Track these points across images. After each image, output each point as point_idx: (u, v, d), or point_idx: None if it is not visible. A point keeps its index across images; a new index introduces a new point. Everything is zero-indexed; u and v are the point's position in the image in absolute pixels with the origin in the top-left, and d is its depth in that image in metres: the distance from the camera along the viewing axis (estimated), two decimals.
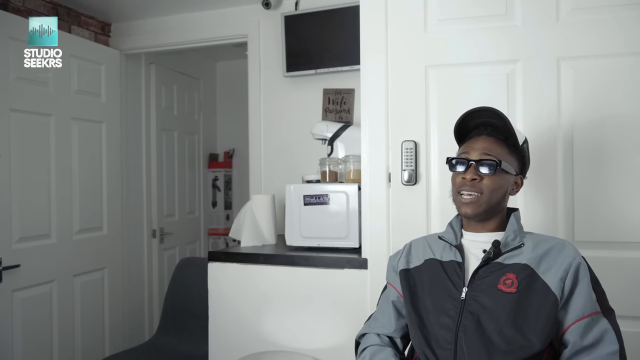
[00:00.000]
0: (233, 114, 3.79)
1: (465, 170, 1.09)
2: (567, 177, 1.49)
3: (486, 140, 1.10)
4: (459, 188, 1.10)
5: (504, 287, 1.02)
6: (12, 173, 2.12)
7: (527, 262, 1.04)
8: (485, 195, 1.07)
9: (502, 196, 1.10)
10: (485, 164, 1.07)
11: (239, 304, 1.85)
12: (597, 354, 0.98)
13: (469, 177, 1.07)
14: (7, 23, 2.11)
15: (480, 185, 1.07)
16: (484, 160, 1.07)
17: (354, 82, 2.35)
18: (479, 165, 1.07)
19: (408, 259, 1.20)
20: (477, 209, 1.08)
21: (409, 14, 1.63)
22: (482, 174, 1.07)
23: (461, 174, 1.09)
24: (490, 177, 1.07)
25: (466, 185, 1.08)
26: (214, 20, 2.67)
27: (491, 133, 1.11)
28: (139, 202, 3.01)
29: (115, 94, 2.73)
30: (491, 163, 1.06)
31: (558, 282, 1.01)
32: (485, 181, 1.07)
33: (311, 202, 1.84)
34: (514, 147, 1.11)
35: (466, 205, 1.08)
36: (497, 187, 1.08)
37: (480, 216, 1.09)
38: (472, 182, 1.07)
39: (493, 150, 1.08)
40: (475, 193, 1.07)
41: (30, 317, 2.20)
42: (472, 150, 1.10)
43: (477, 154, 1.09)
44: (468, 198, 1.08)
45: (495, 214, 1.11)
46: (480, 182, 1.07)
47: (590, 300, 1.01)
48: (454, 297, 1.07)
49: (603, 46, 1.46)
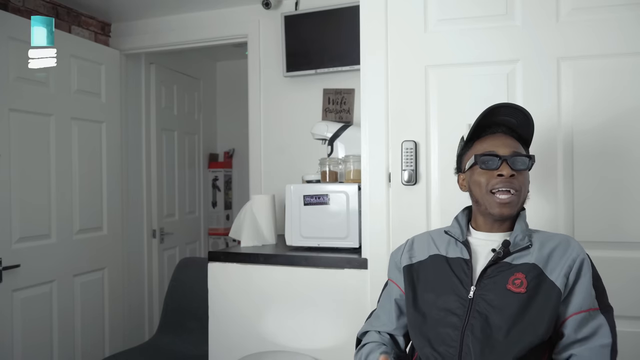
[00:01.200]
0: (233, 114, 3.79)
1: (498, 167, 1.05)
2: (567, 177, 1.50)
3: (507, 138, 1.09)
4: (494, 187, 1.05)
5: (514, 287, 1.02)
6: (12, 173, 2.12)
7: (535, 261, 1.04)
8: (522, 193, 1.06)
9: (527, 194, 1.10)
10: (519, 160, 1.05)
11: (239, 304, 1.85)
12: (589, 346, 0.99)
13: (507, 173, 1.03)
14: (7, 23, 2.11)
15: (517, 182, 1.05)
16: (518, 156, 1.05)
17: (354, 82, 2.35)
18: (513, 162, 1.04)
19: (411, 254, 1.19)
20: (513, 208, 1.06)
21: (409, 14, 1.63)
22: (517, 170, 1.05)
23: (495, 171, 1.05)
24: (523, 173, 1.06)
25: (502, 182, 1.04)
26: (214, 20, 2.67)
27: (507, 131, 1.10)
28: (139, 202, 3.01)
29: (115, 94, 2.73)
30: (523, 159, 1.05)
31: (562, 277, 1.02)
32: (520, 178, 1.05)
33: (311, 202, 1.84)
34: (525, 144, 1.12)
35: (503, 205, 1.05)
36: (528, 183, 1.08)
37: (512, 216, 1.08)
38: (510, 178, 1.04)
39: (518, 147, 1.08)
40: (514, 190, 1.04)
41: (30, 317, 2.20)
42: (499, 147, 1.06)
43: (507, 150, 1.06)
44: (505, 197, 1.04)
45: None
46: (516, 178, 1.05)
47: (589, 296, 1.02)
48: (461, 296, 1.06)
49: (603, 46, 1.46)
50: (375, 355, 1.13)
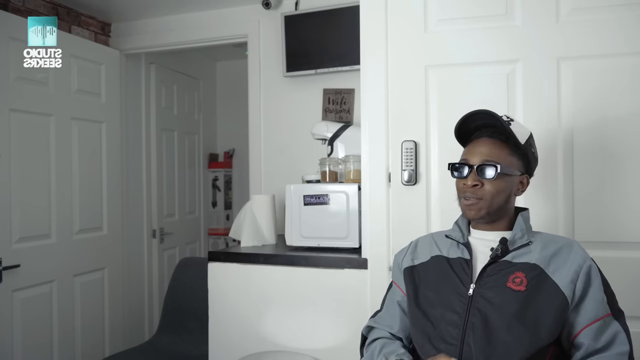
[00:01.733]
0: (233, 114, 3.79)
1: (466, 175, 1.09)
2: (567, 177, 1.50)
3: (486, 143, 1.10)
4: (461, 193, 1.11)
5: (513, 285, 1.03)
6: (12, 173, 2.12)
7: (536, 261, 1.05)
8: (486, 201, 1.07)
9: (505, 199, 1.09)
10: (485, 170, 1.07)
11: (239, 304, 1.85)
12: (608, 354, 0.99)
13: (469, 183, 1.08)
14: (7, 23, 2.11)
15: (482, 190, 1.07)
16: (484, 165, 1.07)
17: (354, 82, 2.35)
18: (480, 171, 1.07)
19: (413, 256, 1.20)
20: (478, 212, 1.08)
21: (409, 14, 1.63)
22: (483, 179, 1.07)
23: (463, 180, 1.10)
24: (491, 182, 1.07)
25: (467, 191, 1.08)
26: (214, 20, 2.67)
27: (492, 134, 1.11)
28: (139, 202, 3.01)
29: (115, 94, 2.73)
30: (491, 168, 1.06)
31: (569, 283, 1.02)
32: (487, 186, 1.07)
33: (311, 202, 1.84)
34: (515, 146, 1.11)
35: (468, 208, 1.09)
36: (499, 191, 1.08)
37: (483, 219, 1.10)
38: (474, 187, 1.07)
39: (493, 154, 1.08)
40: (477, 198, 1.07)
41: (30, 317, 2.20)
42: (473, 155, 1.10)
43: (477, 159, 1.08)
44: (469, 202, 1.09)
45: (502, 216, 1.11)
46: (481, 187, 1.07)
47: (601, 303, 1.02)
48: (461, 294, 1.07)
49: (603, 46, 1.46)
50: (393, 347, 1.14)
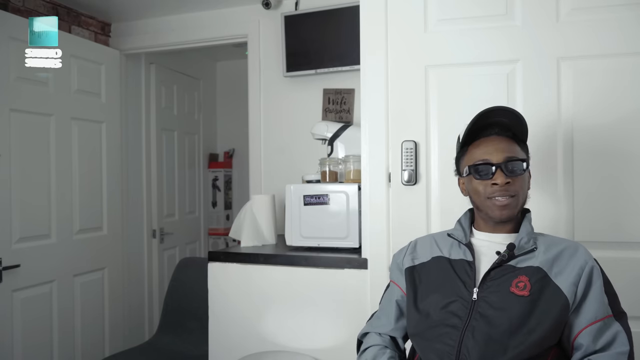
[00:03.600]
0: (233, 114, 3.79)
1: (491, 175, 1.06)
2: (567, 177, 1.49)
3: (500, 141, 1.08)
4: (492, 194, 1.06)
5: (517, 290, 1.02)
6: (12, 173, 2.12)
7: (540, 265, 1.04)
8: (518, 197, 1.06)
9: (527, 193, 1.10)
10: (513, 166, 1.05)
11: (239, 304, 1.85)
12: (607, 353, 0.98)
13: (501, 182, 1.04)
14: (7, 23, 2.11)
15: (513, 187, 1.05)
16: (511, 161, 1.05)
17: (354, 82, 2.35)
18: (507, 168, 1.05)
19: (413, 256, 1.19)
20: (512, 211, 1.06)
21: (409, 14, 1.63)
22: (512, 176, 1.05)
23: (489, 180, 1.06)
24: (519, 177, 1.06)
25: (498, 191, 1.05)
26: (214, 20, 2.67)
27: (500, 132, 1.10)
28: (139, 202, 3.01)
29: (115, 94, 2.73)
30: (517, 164, 1.05)
31: (570, 285, 1.01)
32: (517, 182, 1.05)
33: (311, 202, 1.84)
34: (522, 142, 1.11)
35: (502, 208, 1.05)
36: (525, 186, 1.08)
37: (512, 218, 1.08)
38: (506, 185, 1.05)
39: (512, 150, 1.07)
40: (510, 197, 1.05)
41: (30, 317, 2.20)
42: (493, 153, 1.07)
43: (500, 156, 1.06)
44: (504, 200, 1.05)
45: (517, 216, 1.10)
46: (512, 184, 1.05)
47: (602, 304, 1.01)
48: (464, 297, 1.05)
49: (603, 46, 1.46)
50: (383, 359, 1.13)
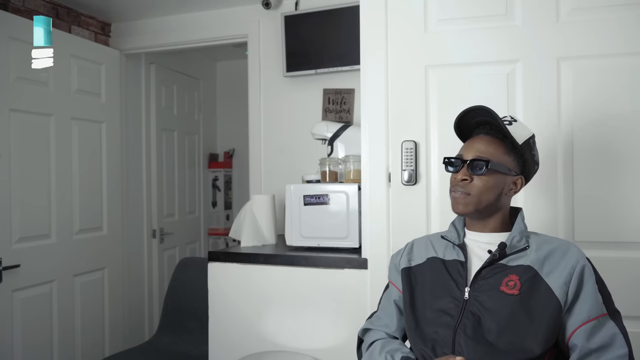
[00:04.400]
0: (233, 114, 3.79)
1: (458, 170, 1.11)
2: (567, 176, 1.50)
3: (482, 140, 1.11)
4: (452, 187, 1.12)
5: (507, 289, 1.02)
6: (12, 173, 2.12)
7: (531, 263, 1.04)
8: (473, 196, 1.08)
9: (495, 197, 1.09)
10: (475, 165, 1.08)
11: (239, 304, 1.85)
12: (606, 357, 0.97)
13: (459, 177, 1.09)
14: (7, 23, 2.11)
15: (470, 185, 1.08)
16: (476, 160, 1.08)
17: (354, 82, 2.35)
18: (470, 166, 1.08)
19: (410, 257, 1.20)
20: (465, 207, 1.09)
21: (409, 14, 1.63)
22: (472, 174, 1.08)
23: (455, 174, 1.11)
24: (480, 177, 1.07)
25: (457, 185, 1.10)
26: (214, 20, 2.67)
27: (489, 132, 1.12)
28: (139, 202, 3.01)
29: (115, 94, 2.73)
30: (480, 164, 1.07)
31: (562, 286, 1.00)
32: (475, 181, 1.08)
33: (311, 202, 1.84)
34: (512, 146, 1.10)
35: (456, 202, 1.10)
36: (488, 187, 1.08)
37: (471, 215, 1.10)
38: (463, 182, 1.08)
39: (486, 151, 1.09)
40: (465, 193, 1.08)
41: (30, 317, 2.20)
42: (468, 150, 1.11)
43: (471, 154, 1.09)
44: (457, 195, 1.10)
45: (492, 213, 1.11)
46: (470, 182, 1.08)
47: (596, 302, 1.01)
48: (456, 297, 1.07)
49: (603, 46, 1.46)
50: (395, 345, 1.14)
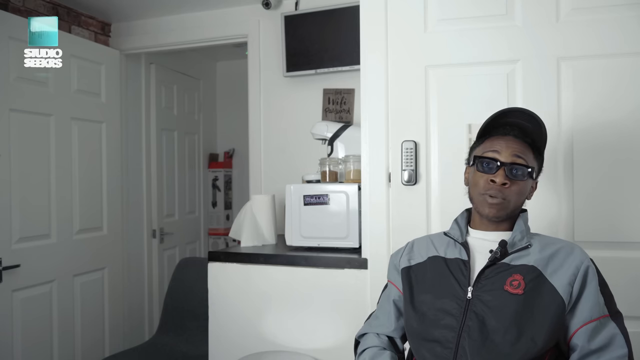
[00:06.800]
0: (233, 114, 3.79)
1: (494, 172, 1.04)
2: (568, 177, 1.50)
3: (517, 143, 1.06)
4: (486, 190, 1.05)
5: (511, 288, 1.01)
6: (12, 173, 2.12)
7: (534, 263, 1.03)
8: (510, 202, 1.04)
9: (522, 201, 1.08)
10: (516, 169, 1.03)
11: (239, 304, 1.85)
12: (606, 358, 0.97)
13: (499, 181, 1.03)
14: (7, 23, 2.11)
15: (509, 190, 1.03)
16: (516, 165, 1.04)
17: (354, 82, 2.35)
18: (510, 170, 1.03)
19: (410, 257, 1.19)
20: (500, 212, 1.05)
21: (408, 14, 1.63)
22: (512, 180, 1.03)
23: (490, 175, 1.04)
24: (518, 183, 1.04)
25: (493, 189, 1.04)
26: (214, 20, 2.67)
27: (518, 135, 1.07)
28: (139, 202, 3.01)
29: (115, 94, 2.73)
30: (522, 169, 1.03)
31: (566, 285, 1.00)
32: (513, 187, 1.04)
33: (311, 202, 1.84)
34: (538, 151, 1.09)
35: (491, 207, 1.05)
36: (522, 193, 1.06)
37: (500, 219, 1.07)
38: (502, 186, 1.03)
39: (524, 156, 1.05)
40: (502, 198, 1.04)
41: (30, 317, 2.20)
42: (502, 150, 1.05)
43: (508, 156, 1.04)
44: (495, 201, 1.04)
45: (512, 217, 1.09)
46: (508, 187, 1.04)
47: (597, 304, 1.01)
48: (459, 297, 1.05)
49: (603, 46, 1.46)
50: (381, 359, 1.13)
